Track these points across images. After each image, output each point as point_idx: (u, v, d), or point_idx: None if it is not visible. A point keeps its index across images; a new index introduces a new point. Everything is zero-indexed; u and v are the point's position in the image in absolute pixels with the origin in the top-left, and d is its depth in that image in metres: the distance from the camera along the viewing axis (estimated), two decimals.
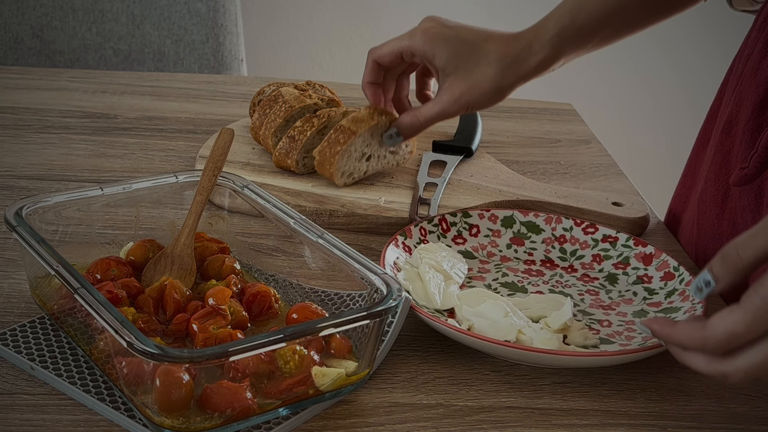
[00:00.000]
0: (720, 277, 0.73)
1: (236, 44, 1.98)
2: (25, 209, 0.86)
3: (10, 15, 1.90)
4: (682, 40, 2.54)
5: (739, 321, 0.70)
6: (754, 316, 0.70)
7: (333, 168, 1.10)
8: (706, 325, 0.72)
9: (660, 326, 0.76)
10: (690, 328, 0.73)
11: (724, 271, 0.73)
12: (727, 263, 0.73)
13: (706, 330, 0.72)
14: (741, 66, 1.09)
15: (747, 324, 0.70)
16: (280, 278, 0.92)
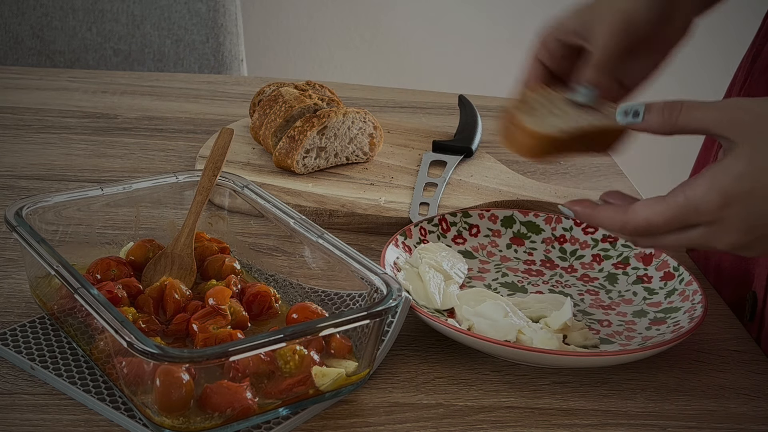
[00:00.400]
0: (648, 119, 0.77)
1: (236, 44, 1.98)
2: (25, 209, 0.86)
3: (10, 15, 1.90)
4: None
5: (659, 213, 0.75)
6: (674, 213, 0.75)
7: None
8: (628, 209, 0.76)
9: (582, 207, 0.80)
10: (612, 211, 0.78)
11: (656, 116, 0.77)
12: (664, 112, 0.76)
13: (627, 214, 0.76)
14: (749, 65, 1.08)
15: (666, 218, 0.75)
16: (280, 278, 0.92)
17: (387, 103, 1.44)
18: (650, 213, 0.75)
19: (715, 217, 0.73)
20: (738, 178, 0.72)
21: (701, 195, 0.73)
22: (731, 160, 0.73)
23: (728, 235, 0.74)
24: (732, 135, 0.74)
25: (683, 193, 0.74)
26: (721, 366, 0.90)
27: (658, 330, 0.91)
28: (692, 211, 0.74)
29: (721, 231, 0.74)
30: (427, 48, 2.48)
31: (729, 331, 0.96)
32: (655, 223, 0.75)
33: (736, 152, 0.73)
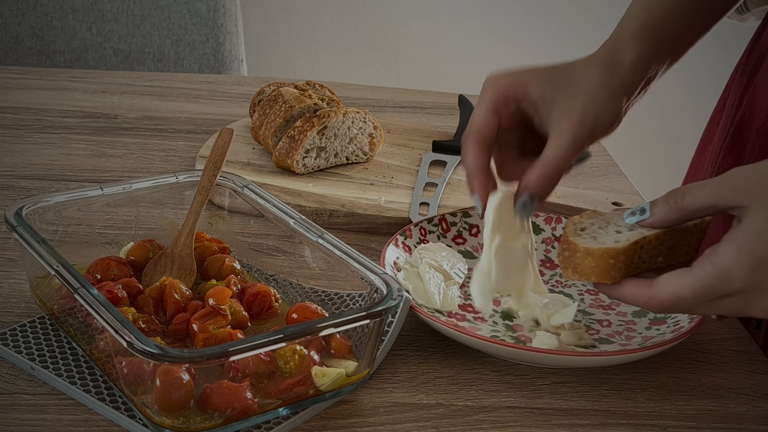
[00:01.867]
0: (655, 211, 0.76)
1: (236, 44, 1.98)
2: (25, 209, 0.86)
3: (10, 15, 1.90)
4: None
5: (688, 285, 0.72)
6: (704, 284, 0.72)
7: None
8: (654, 283, 0.74)
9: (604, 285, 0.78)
10: (636, 286, 0.76)
11: (662, 206, 0.76)
12: (669, 201, 0.75)
13: (652, 289, 0.74)
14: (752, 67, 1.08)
15: (695, 290, 0.72)
16: (280, 278, 0.92)
17: (387, 103, 1.44)
18: (677, 287, 0.72)
19: (747, 283, 0.71)
20: (761, 234, 0.70)
21: (730, 261, 0.71)
22: (749, 221, 0.71)
23: (764, 300, 0.71)
24: (740, 201, 0.72)
25: (710, 262, 0.71)
26: (721, 366, 0.90)
27: (658, 330, 0.91)
28: (723, 279, 0.71)
29: (756, 296, 0.71)
30: (427, 48, 2.48)
31: (729, 331, 0.96)
32: (684, 297, 0.72)
33: (751, 213, 0.71)
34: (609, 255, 0.76)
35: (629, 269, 0.77)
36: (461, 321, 0.92)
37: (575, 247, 0.78)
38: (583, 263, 0.77)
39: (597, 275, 0.77)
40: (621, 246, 0.76)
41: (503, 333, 0.91)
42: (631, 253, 0.77)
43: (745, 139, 1.05)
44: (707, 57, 2.56)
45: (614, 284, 0.77)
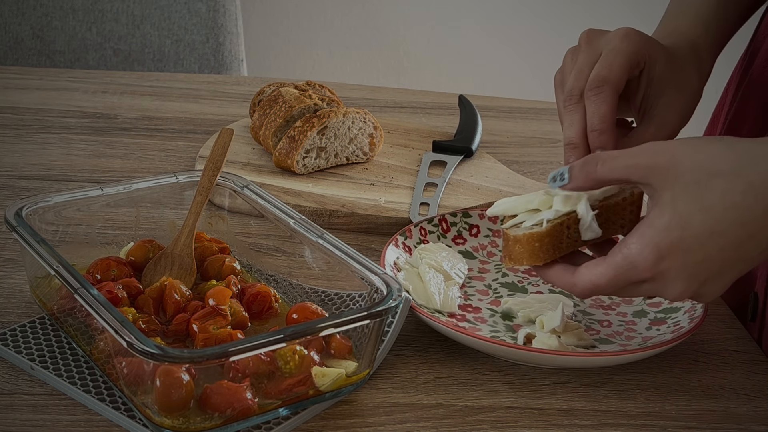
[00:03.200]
0: (573, 178, 0.78)
1: (236, 44, 1.98)
2: (25, 209, 0.86)
3: (10, 15, 1.90)
4: None
5: (601, 275, 0.76)
6: (615, 273, 0.76)
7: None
8: (575, 272, 0.78)
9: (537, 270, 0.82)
10: (562, 271, 0.80)
11: (578, 173, 0.78)
12: (584, 169, 0.77)
13: (574, 277, 0.78)
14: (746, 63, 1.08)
15: (608, 279, 0.76)
16: (280, 278, 0.92)
17: (387, 103, 1.44)
18: (593, 276, 0.77)
19: (654, 272, 0.74)
20: (665, 230, 0.73)
21: (636, 253, 0.74)
22: (656, 212, 0.74)
23: (672, 287, 0.75)
24: (652, 181, 0.74)
25: (620, 252, 0.75)
26: (721, 366, 0.90)
27: (658, 330, 0.91)
28: (631, 269, 0.75)
29: (665, 284, 0.75)
30: (427, 48, 2.48)
31: (729, 331, 0.96)
32: (600, 285, 0.77)
33: (660, 203, 0.74)
34: (534, 239, 0.80)
35: (559, 249, 0.81)
36: (461, 321, 0.92)
37: (506, 236, 0.81)
38: (514, 250, 0.81)
39: (527, 259, 0.80)
40: (544, 230, 0.79)
41: (503, 333, 0.91)
42: (558, 234, 0.80)
43: (740, 131, 1.06)
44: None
45: (545, 266, 0.81)
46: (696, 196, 0.73)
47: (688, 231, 0.73)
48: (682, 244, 0.73)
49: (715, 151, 0.74)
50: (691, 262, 0.74)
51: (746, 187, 0.72)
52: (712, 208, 0.72)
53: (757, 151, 0.73)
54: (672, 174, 0.73)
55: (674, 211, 0.73)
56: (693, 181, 0.73)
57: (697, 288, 0.75)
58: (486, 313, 0.94)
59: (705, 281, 0.75)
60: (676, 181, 0.73)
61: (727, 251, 0.73)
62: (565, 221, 0.80)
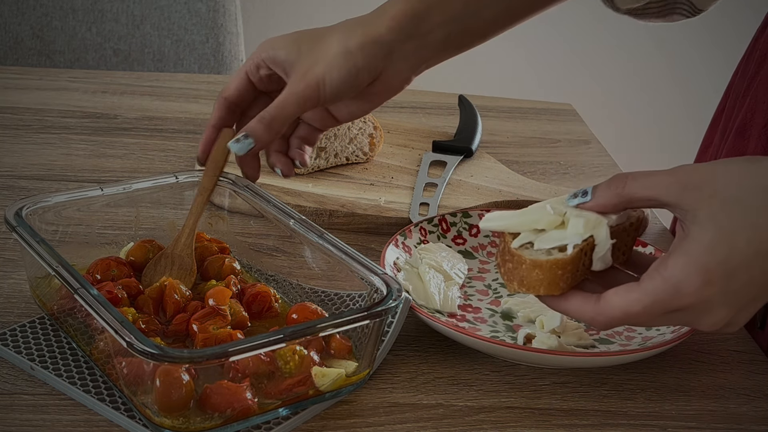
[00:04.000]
0: (597, 194, 0.73)
1: (236, 44, 1.98)
2: (25, 209, 0.86)
3: (10, 15, 1.90)
4: (682, 40, 2.54)
5: (636, 301, 0.69)
6: (653, 299, 0.69)
7: None
8: (600, 299, 0.71)
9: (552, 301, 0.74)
10: (581, 301, 0.72)
11: (604, 190, 0.73)
12: (611, 186, 0.73)
13: (599, 305, 0.71)
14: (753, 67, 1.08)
15: (644, 305, 0.69)
16: (280, 278, 0.92)
17: (387, 103, 1.43)
18: (625, 303, 0.70)
19: (697, 298, 0.68)
20: (711, 247, 0.68)
21: (681, 275, 0.68)
22: (698, 231, 0.68)
23: (711, 315, 0.70)
24: (684, 202, 0.69)
25: (660, 275, 0.69)
26: (721, 366, 0.90)
27: (658, 330, 0.91)
28: (673, 293, 0.69)
29: (704, 311, 0.70)
30: None
31: None
32: (633, 313, 0.70)
33: (699, 221, 0.68)
34: (558, 266, 0.72)
35: (575, 278, 0.74)
36: (461, 321, 0.92)
37: (520, 259, 0.73)
38: (530, 276, 0.73)
39: (546, 287, 0.73)
40: (570, 256, 0.72)
41: (503, 333, 0.91)
42: (577, 261, 0.73)
43: (748, 139, 1.05)
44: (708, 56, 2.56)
45: (561, 297, 0.73)
46: (739, 212, 0.68)
47: (735, 250, 0.67)
48: (728, 265, 0.67)
49: (752, 168, 0.69)
50: (735, 286, 0.68)
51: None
52: (759, 226, 0.67)
53: None
54: (707, 192, 0.68)
55: (717, 228, 0.68)
56: (732, 197, 0.68)
57: (734, 315, 0.70)
58: (486, 313, 0.94)
59: (742, 308, 0.70)
60: (713, 199, 0.68)
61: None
62: (584, 247, 0.73)
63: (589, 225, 0.73)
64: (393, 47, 0.89)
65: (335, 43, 0.89)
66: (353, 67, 0.88)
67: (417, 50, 0.90)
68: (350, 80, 0.88)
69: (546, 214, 0.74)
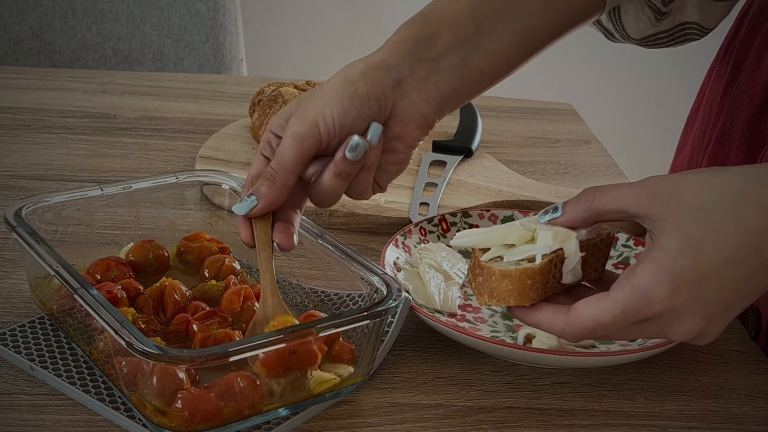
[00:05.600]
0: (568, 209, 0.73)
1: (236, 44, 1.98)
2: (25, 209, 0.86)
3: (10, 15, 1.90)
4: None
5: (607, 310, 0.69)
6: (623, 307, 0.69)
7: None
8: (571, 310, 0.71)
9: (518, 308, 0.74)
10: (552, 312, 0.72)
11: (573, 204, 0.73)
12: (580, 200, 0.73)
13: (569, 316, 0.71)
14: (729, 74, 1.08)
15: (614, 314, 0.69)
16: (280, 278, 0.92)
17: None
18: (596, 312, 0.69)
19: (667, 305, 0.68)
20: (679, 253, 0.67)
21: (648, 281, 0.68)
22: (666, 239, 0.68)
23: (682, 323, 0.70)
24: (652, 212, 0.69)
25: (629, 284, 0.68)
26: (721, 366, 0.90)
27: None
28: (643, 301, 0.68)
29: (675, 320, 0.69)
30: None
31: (729, 331, 0.95)
32: (604, 323, 0.69)
33: (667, 229, 0.68)
34: (527, 275, 0.72)
35: (545, 289, 0.74)
36: (461, 321, 0.92)
37: (490, 270, 0.74)
38: (500, 287, 0.73)
39: (516, 298, 0.73)
40: (538, 266, 0.72)
41: (503, 333, 0.91)
42: (547, 272, 0.73)
43: (728, 148, 1.05)
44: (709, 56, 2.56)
45: (531, 309, 0.73)
46: (705, 220, 0.68)
47: (703, 256, 0.67)
48: (696, 272, 0.67)
49: (720, 177, 0.69)
50: (705, 293, 0.68)
51: (758, 209, 0.67)
52: (725, 232, 0.67)
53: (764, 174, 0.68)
54: (674, 201, 0.69)
55: (685, 235, 0.68)
56: (699, 206, 0.68)
57: (705, 325, 0.70)
58: (486, 313, 0.94)
59: (713, 318, 0.70)
60: (681, 208, 0.68)
61: (739, 282, 0.68)
62: (553, 259, 0.73)
63: (558, 237, 0.73)
64: (401, 73, 0.80)
65: (334, 79, 0.81)
66: (354, 93, 0.80)
67: (430, 77, 0.81)
68: (353, 108, 0.79)
69: (516, 230, 0.75)
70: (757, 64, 1.01)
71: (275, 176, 0.80)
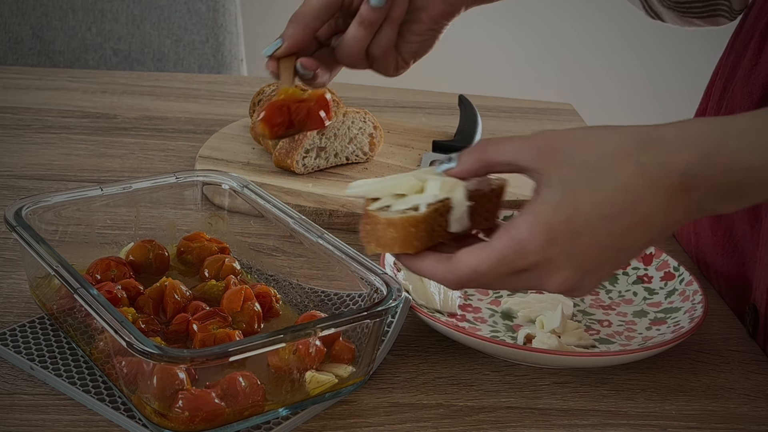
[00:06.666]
0: (461, 160, 0.74)
1: (236, 44, 1.98)
2: (25, 209, 0.86)
3: (10, 15, 1.90)
4: (683, 40, 2.54)
5: (484, 259, 0.70)
6: (501, 256, 0.70)
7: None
8: (452, 258, 0.72)
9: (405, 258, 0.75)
10: (434, 261, 0.73)
11: (467, 156, 0.74)
12: (473, 151, 0.74)
13: (450, 263, 0.72)
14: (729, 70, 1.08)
15: (491, 263, 0.70)
16: (280, 278, 0.92)
17: (387, 103, 1.44)
18: (474, 260, 0.71)
19: (541, 256, 0.69)
20: (557, 207, 0.69)
21: (525, 232, 0.69)
22: (546, 191, 0.70)
23: (557, 275, 0.70)
24: (539, 166, 0.71)
25: (507, 234, 0.70)
26: (721, 366, 0.90)
27: (659, 330, 0.91)
28: (518, 251, 0.69)
29: (550, 272, 0.70)
30: None
31: (729, 331, 0.96)
32: (481, 271, 0.70)
33: (550, 183, 0.70)
34: (410, 223, 0.73)
35: (431, 238, 0.74)
36: (461, 321, 0.92)
37: (376, 219, 0.74)
38: (385, 235, 0.74)
39: (400, 245, 0.73)
40: (422, 214, 0.73)
41: (503, 333, 0.91)
42: (432, 221, 0.74)
43: None
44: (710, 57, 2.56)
45: (415, 256, 0.74)
46: (586, 176, 0.69)
47: (579, 211, 0.69)
48: (572, 226, 0.69)
49: (606, 135, 0.70)
50: (579, 247, 0.69)
51: (637, 169, 0.69)
52: (603, 189, 0.69)
53: (650, 135, 0.70)
54: (561, 156, 0.70)
55: (565, 190, 0.69)
56: (582, 162, 0.69)
57: (580, 278, 0.71)
58: (486, 313, 0.94)
59: (588, 271, 0.71)
60: (565, 163, 0.70)
61: (614, 238, 0.69)
62: (439, 208, 0.74)
63: (446, 187, 0.74)
64: None
65: None
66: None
67: None
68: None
69: (407, 180, 0.76)
70: (755, 61, 1.01)
71: (300, 18, 0.87)
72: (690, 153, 0.69)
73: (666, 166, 0.69)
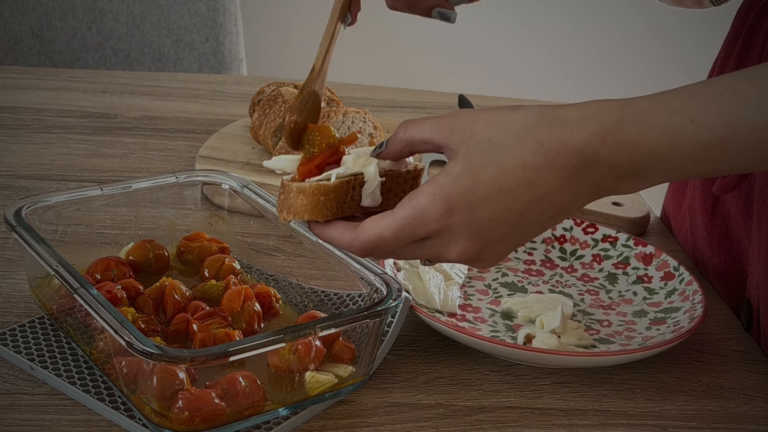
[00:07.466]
0: (389, 143, 0.77)
1: (236, 44, 1.98)
2: (25, 209, 0.86)
3: (10, 15, 1.90)
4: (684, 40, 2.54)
5: (388, 226, 0.73)
6: (402, 224, 0.73)
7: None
8: (359, 225, 0.75)
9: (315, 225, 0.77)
10: (342, 228, 0.76)
11: (393, 138, 0.77)
12: (397, 132, 0.76)
13: (356, 231, 0.75)
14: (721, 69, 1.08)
15: (395, 230, 0.73)
16: (280, 278, 0.92)
17: (387, 103, 1.44)
18: (379, 227, 0.73)
19: (441, 224, 0.72)
20: (457, 178, 0.72)
21: (425, 201, 0.72)
22: (451, 164, 0.73)
23: (456, 245, 0.73)
24: (450, 143, 0.73)
25: (409, 203, 0.73)
26: (721, 366, 0.90)
27: (658, 330, 0.91)
28: (419, 219, 0.72)
29: (449, 241, 0.73)
30: (427, 48, 2.48)
31: (729, 331, 0.96)
32: (385, 238, 0.73)
33: (455, 157, 0.73)
34: (320, 192, 0.76)
35: (342, 209, 0.77)
36: (461, 321, 0.92)
37: (289, 187, 0.77)
38: (296, 202, 0.77)
39: (309, 213, 0.76)
40: (332, 184, 0.76)
41: (503, 333, 0.91)
42: (343, 193, 0.76)
43: None
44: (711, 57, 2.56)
45: (324, 224, 0.77)
46: (489, 151, 0.72)
47: (478, 184, 0.71)
48: (470, 196, 0.71)
49: (511, 113, 0.73)
50: (478, 218, 0.72)
51: (536, 146, 0.71)
52: (503, 164, 0.71)
53: (551, 115, 0.72)
54: (468, 133, 0.73)
55: (467, 162, 0.72)
56: (486, 138, 0.72)
57: (480, 249, 0.73)
58: (486, 312, 0.94)
59: (488, 243, 0.73)
60: (471, 139, 0.72)
61: (513, 212, 0.72)
62: (351, 181, 0.77)
63: (359, 162, 0.77)
64: None
65: None
66: None
67: None
68: None
69: None
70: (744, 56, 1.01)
71: None
72: (586, 132, 0.71)
73: (562, 143, 0.71)
